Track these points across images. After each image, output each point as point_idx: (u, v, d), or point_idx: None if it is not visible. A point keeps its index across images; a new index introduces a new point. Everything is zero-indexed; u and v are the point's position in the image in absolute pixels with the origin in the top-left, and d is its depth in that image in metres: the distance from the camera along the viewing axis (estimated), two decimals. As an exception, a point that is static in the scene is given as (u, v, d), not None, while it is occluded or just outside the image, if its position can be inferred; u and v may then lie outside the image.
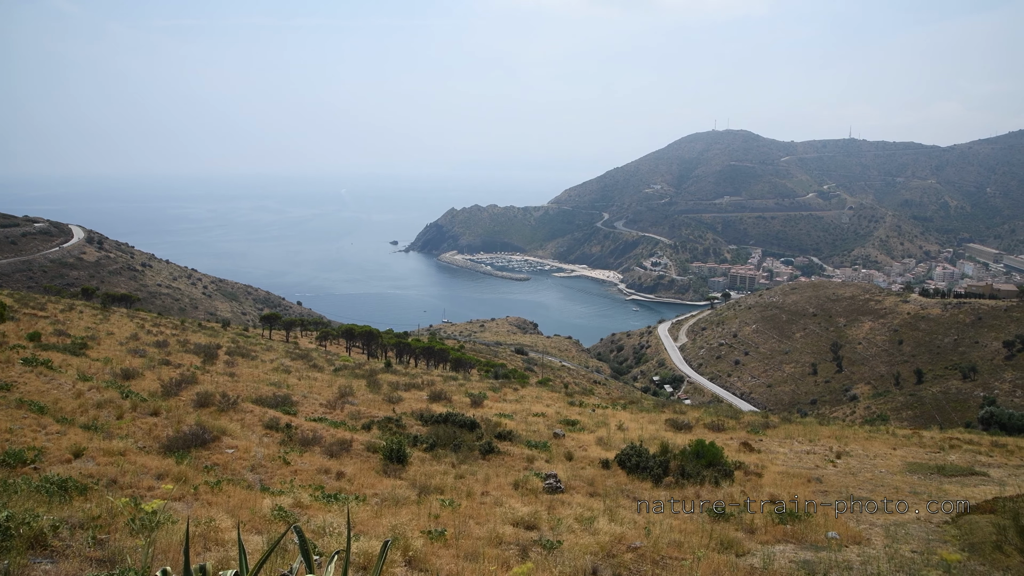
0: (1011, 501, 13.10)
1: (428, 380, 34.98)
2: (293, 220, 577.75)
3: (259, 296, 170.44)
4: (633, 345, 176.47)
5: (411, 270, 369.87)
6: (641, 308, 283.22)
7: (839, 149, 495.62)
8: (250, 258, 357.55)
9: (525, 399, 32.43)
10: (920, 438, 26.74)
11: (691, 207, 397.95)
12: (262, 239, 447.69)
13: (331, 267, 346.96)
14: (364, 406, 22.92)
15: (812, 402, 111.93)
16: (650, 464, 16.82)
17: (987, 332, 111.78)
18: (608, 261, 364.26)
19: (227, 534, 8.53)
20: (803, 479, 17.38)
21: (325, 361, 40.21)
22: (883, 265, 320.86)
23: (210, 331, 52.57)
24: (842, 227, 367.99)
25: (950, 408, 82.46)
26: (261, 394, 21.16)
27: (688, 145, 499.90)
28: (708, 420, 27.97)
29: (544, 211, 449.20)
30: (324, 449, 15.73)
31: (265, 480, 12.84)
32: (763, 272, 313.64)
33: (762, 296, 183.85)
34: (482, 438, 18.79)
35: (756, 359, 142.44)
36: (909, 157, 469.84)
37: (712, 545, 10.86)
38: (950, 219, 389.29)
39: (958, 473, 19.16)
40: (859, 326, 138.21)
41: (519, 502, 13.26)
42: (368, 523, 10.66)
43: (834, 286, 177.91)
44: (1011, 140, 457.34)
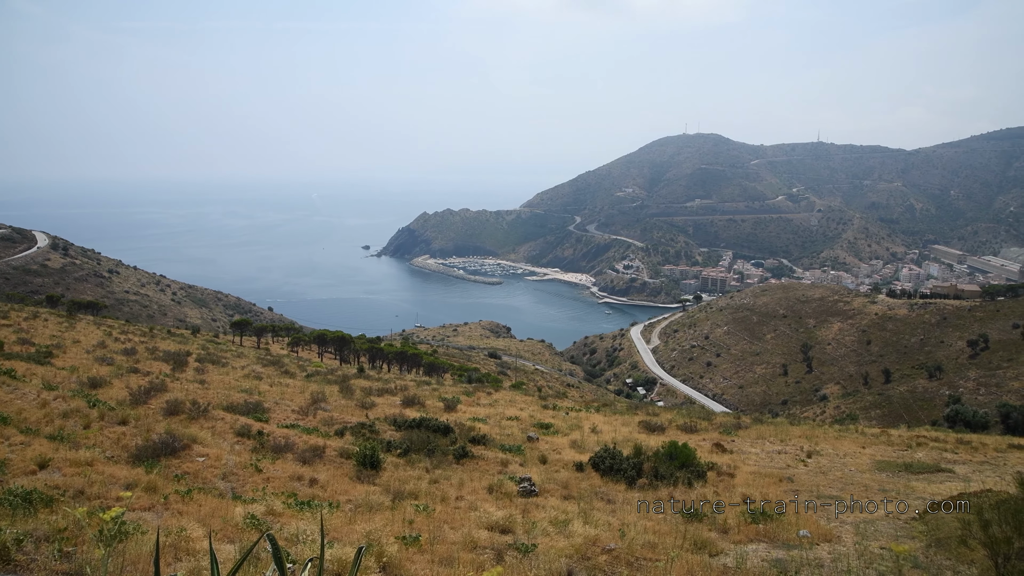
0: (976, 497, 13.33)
1: (401, 385, 34.82)
2: (264, 225, 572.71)
3: (229, 302, 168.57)
4: (606, 348, 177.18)
5: (383, 275, 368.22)
6: (614, 311, 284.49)
7: (808, 152, 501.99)
8: (220, 264, 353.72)
9: (499, 403, 32.41)
10: (888, 437, 27.12)
11: (663, 210, 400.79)
12: (232, 244, 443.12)
13: (302, 272, 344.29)
14: (337, 412, 22.76)
15: (783, 402, 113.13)
16: (624, 466, 16.88)
17: (952, 332, 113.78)
18: (580, 264, 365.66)
19: (199, 543, 8.42)
20: (775, 479, 17.55)
21: (297, 367, 39.88)
22: (851, 267, 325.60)
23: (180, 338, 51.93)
24: (811, 229, 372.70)
25: (917, 407, 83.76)
26: (232, 401, 20.92)
27: (659, 148, 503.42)
28: (681, 422, 28.14)
29: (516, 215, 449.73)
30: (297, 456, 15.58)
31: (237, 488, 12.70)
32: (734, 274, 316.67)
33: (733, 298, 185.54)
34: (456, 442, 18.73)
35: (728, 360, 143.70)
36: (876, 160, 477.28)
37: (686, 546, 10.92)
38: (916, 221, 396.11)
39: (925, 470, 19.47)
40: (828, 327, 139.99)
41: (493, 506, 13.23)
42: (342, 530, 10.59)
43: (804, 288, 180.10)
44: (973, 144, 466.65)
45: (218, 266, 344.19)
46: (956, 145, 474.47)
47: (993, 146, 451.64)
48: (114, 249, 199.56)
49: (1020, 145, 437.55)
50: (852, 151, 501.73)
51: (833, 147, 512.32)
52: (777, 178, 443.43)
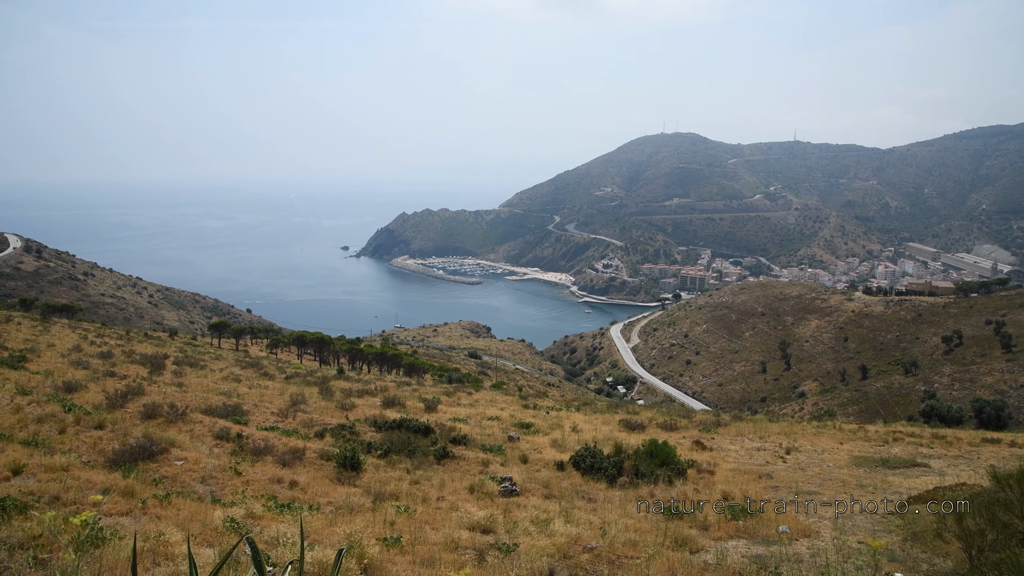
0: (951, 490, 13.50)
1: (381, 386, 34.71)
2: (241, 226, 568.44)
3: (207, 304, 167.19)
4: (586, 347, 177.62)
5: (363, 275, 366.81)
6: (593, 310, 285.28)
7: (785, 151, 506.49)
8: (197, 266, 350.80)
9: (479, 403, 32.39)
10: (865, 432, 27.41)
11: (641, 209, 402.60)
12: (209, 246, 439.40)
13: (281, 274, 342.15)
14: (317, 414, 22.64)
15: (762, 399, 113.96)
16: (604, 465, 16.92)
17: (927, 328, 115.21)
18: (560, 264, 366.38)
19: (177, 548, 8.35)
20: (754, 475, 17.67)
21: (276, 369, 39.62)
22: (828, 264, 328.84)
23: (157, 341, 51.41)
24: (788, 228, 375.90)
25: (893, 402, 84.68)
26: (211, 404, 20.75)
27: (638, 148, 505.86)
28: (661, 420, 28.27)
29: (496, 215, 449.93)
30: (276, 458, 15.48)
31: (216, 491, 12.59)
32: (712, 273, 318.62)
33: (712, 296, 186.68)
34: (437, 443, 18.69)
35: (707, 358, 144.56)
36: (852, 159, 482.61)
37: (667, 543, 10.98)
38: (891, 219, 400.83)
39: (901, 465, 19.69)
40: (806, 324, 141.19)
41: (475, 506, 13.23)
42: (323, 532, 10.53)
43: (781, 285, 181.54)
44: (946, 143, 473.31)
45: (195, 268, 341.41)
46: (930, 144, 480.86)
47: (965, 145, 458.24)
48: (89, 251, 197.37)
49: (991, 144, 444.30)
50: (828, 150, 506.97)
51: (809, 146, 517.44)
52: (755, 177, 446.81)
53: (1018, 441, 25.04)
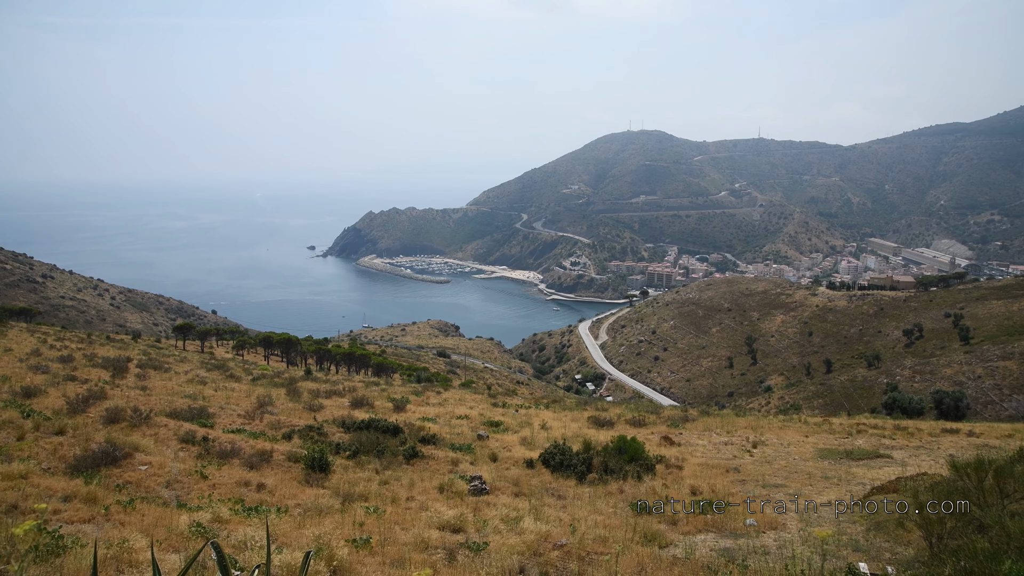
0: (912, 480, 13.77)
1: (350, 386, 34.47)
2: (205, 226, 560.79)
3: (171, 306, 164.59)
4: (555, 345, 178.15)
5: (329, 275, 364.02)
6: (562, 308, 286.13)
7: (749, 149, 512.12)
8: (160, 267, 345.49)
9: (448, 402, 32.32)
10: (830, 425, 27.84)
11: (608, 206, 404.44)
12: (172, 247, 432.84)
13: (246, 274, 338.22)
14: (284, 415, 22.42)
15: (729, 394, 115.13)
16: (574, 462, 17.00)
17: (889, 322, 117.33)
18: (528, 262, 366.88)
19: (142, 554, 8.22)
20: (722, 469, 17.86)
21: (243, 371, 39.16)
22: (793, 260, 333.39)
23: (120, 343, 50.51)
24: (753, 224, 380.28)
25: (857, 395, 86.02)
26: (176, 407, 20.44)
27: (604, 145, 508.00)
28: (629, 416, 28.43)
29: (463, 213, 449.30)
30: (243, 461, 15.31)
31: (182, 496, 12.42)
32: (679, 269, 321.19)
33: (679, 293, 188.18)
34: (406, 443, 18.62)
35: (675, 354, 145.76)
36: (814, 156, 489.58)
37: (636, 538, 11.06)
38: (853, 215, 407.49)
39: (865, 456, 20.03)
40: (771, 319, 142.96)
41: (445, 505, 13.21)
42: (291, 534, 10.45)
43: (747, 281, 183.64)
44: (905, 140, 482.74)
45: (158, 269, 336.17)
46: (889, 141, 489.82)
47: (924, 142, 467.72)
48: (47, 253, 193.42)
49: (948, 141, 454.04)
50: (791, 147, 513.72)
51: (773, 143, 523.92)
52: (720, 174, 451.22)
53: (976, 431, 25.62)
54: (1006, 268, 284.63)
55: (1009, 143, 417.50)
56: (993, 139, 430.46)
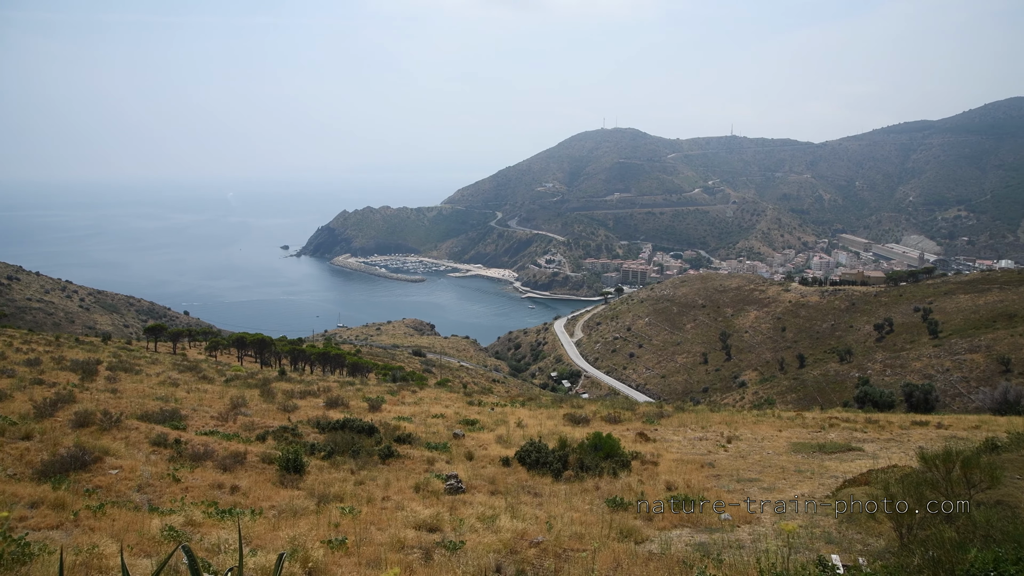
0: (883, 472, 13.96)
1: (324, 386, 34.27)
2: (176, 227, 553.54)
3: (142, 307, 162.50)
4: (530, 342, 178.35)
5: (303, 275, 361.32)
6: (537, 305, 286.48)
7: (722, 146, 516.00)
8: (131, 268, 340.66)
9: (424, 401, 32.25)
10: (803, 419, 28.13)
11: (583, 204, 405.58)
12: (143, 247, 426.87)
13: (219, 274, 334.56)
14: (258, 416, 22.23)
15: (704, 390, 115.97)
16: (550, 459, 17.03)
17: (860, 316, 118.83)
18: (503, 260, 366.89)
19: (112, 560, 8.11)
20: (697, 465, 17.99)
21: (216, 372, 38.77)
22: (766, 256, 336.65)
23: (89, 346, 49.80)
24: (727, 221, 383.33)
25: (830, 389, 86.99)
26: (147, 410, 20.19)
27: (578, 143, 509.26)
28: (605, 413, 28.54)
29: (438, 211, 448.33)
30: (217, 463, 15.16)
31: (154, 500, 12.27)
32: (654, 266, 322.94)
33: (653, 290, 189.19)
34: (381, 442, 18.55)
35: (650, 351, 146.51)
36: (787, 153, 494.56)
37: (612, 535, 11.11)
38: (824, 211, 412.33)
39: (837, 450, 20.29)
40: (745, 315, 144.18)
41: (421, 505, 13.18)
42: (265, 537, 10.37)
43: (721, 278, 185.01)
44: (874, 137, 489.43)
45: (129, 270, 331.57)
46: (860, 138, 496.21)
47: (893, 139, 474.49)
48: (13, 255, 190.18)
49: (916, 139, 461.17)
50: (764, 144, 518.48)
51: (746, 140, 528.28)
52: (693, 171, 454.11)
53: (944, 422, 26.03)
54: (972, 263, 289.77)
55: (974, 140, 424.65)
56: (959, 136, 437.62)
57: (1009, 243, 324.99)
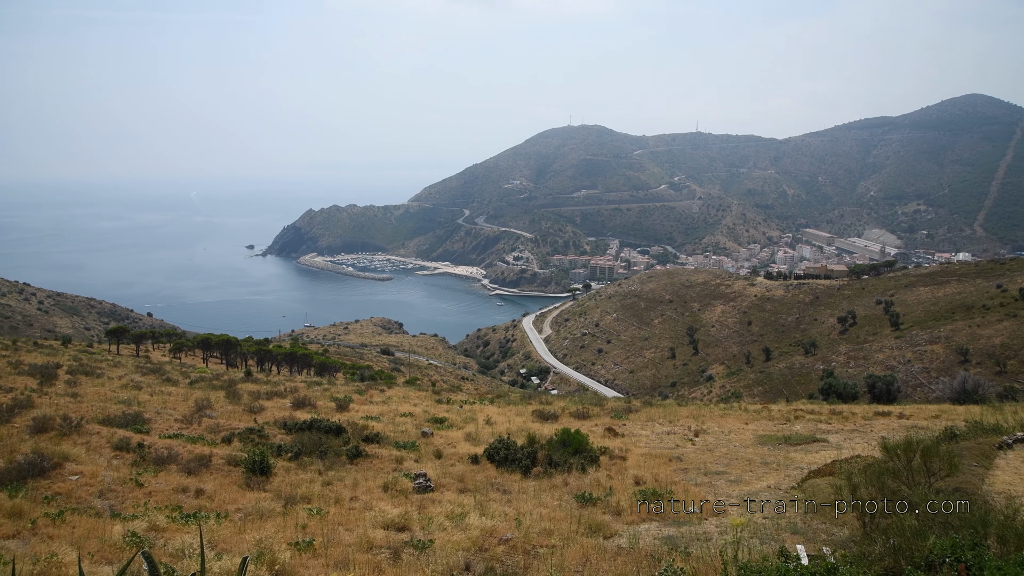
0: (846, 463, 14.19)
1: (291, 387, 33.98)
2: (138, 226, 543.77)
3: (104, 309, 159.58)
4: (499, 339, 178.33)
5: (269, 275, 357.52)
6: (505, 302, 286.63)
7: (687, 142, 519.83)
8: (91, 269, 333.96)
9: (392, 400, 32.12)
10: (769, 412, 28.49)
11: (550, 201, 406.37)
12: (103, 248, 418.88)
13: (183, 275, 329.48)
14: (224, 418, 21.97)
15: (672, 384, 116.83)
16: (518, 456, 17.06)
17: (824, 310, 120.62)
18: (471, 257, 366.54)
19: (71, 568, 7.96)
20: (665, 459, 18.13)
21: (180, 374, 38.25)
22: (731, 251, 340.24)
23: (48, 350, 48.84)
24: (693, 216, 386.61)
25: (795, 382, 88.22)
26: (109, 413, 19.85)
27: (545, 140, 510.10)
28: (574, 409, 28.65)
29: (405, 209, 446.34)
30: (181, 467, 14.95)
31: (116, 505, 12.06)
32: (621, 262, 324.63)
33: (621, 285, 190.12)
34: (349, 442, 18.44)
35: (618, 346, 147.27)
36: (751, 149, 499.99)
37: (580, 530, 11.15)
38: (788, 206, 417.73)
39: (802, 441, 20.58)
40: (712, 310, 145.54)
41: (389, 504, 13.12)
42: (231, 540, 10.26)
43: (687, 273, 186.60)
44: (836, 133, 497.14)
45: (89, 271, 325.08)
46: (822, 134, 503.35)
47: (854, 135, 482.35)
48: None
49: (876, 134, 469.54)
50: (728, 140, 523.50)
51: (711, 137, 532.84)
52: (659, 167, 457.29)
53: (906, 413, 26.53)
54: (932, 256, 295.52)
55: (932, 136, 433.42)
56: (917, 132, 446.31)
57: (966, 236, 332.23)
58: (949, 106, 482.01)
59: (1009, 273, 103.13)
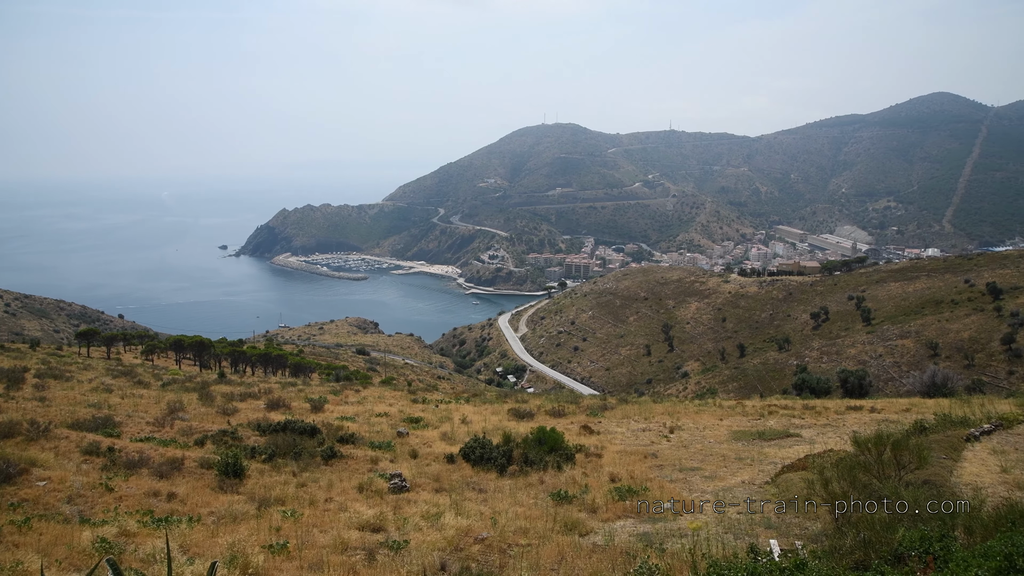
0: (819, 457, 14.35)
1: (265, 388, 33.68)
2: (108, 227, 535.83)
3: (74, 311, 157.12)
4: (475, 338, 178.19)
5: (243, 275, 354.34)
6: (481, 301, 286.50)
7: (661, 140, 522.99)
8: (60, 271, 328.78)
9: (367, 400, 31.96)
10: (743, 407, 28.70)
11: (525, 199, 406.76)
12: (73, 249, 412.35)
13: (156, 276, 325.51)
14: (196, 421, 21.73)
15: (648, 381, 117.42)
16: (494, 455, 17.04)
17: (797, 306, 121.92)
18: (446, 256, 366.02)
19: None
20: (640, 456, 18.20)
21: (152, 376, 37.77)
22: (705, 248, 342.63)
23: (15, 353, 48.03)
24: (667, 214, 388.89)
25: (769, 377, 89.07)
26: (78, 417, 19.55)
27: (520, 139, 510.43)
28: (549, 407, 28.68)
29: (380, 208, 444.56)
30: (153, 470, 14.76)
31: (85, 511, 11.87)
32: (596, 260, 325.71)
33: (596, 283, 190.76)
34: (323, 443, 18.31)
35: (594, 344, 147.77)
36: (724, 147, 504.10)
37: (556, 528, 11.16)
38: (761, 203, 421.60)
39: (776, 436, 20.76)
40: (687, 307, 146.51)
41: (364, 505, 13.05)
42: (204, 544, 10.16)
43: (662, 270, 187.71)
44: (808, 131, 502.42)
45: (58, 273, 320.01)
46: (794, 132, 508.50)
47: (825, 133, 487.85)
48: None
49: (848, 132, 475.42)
50: (702, 138, 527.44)
51: (684, 135, 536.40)
52: (633, 165, 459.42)
53: (877, 407, 26.86)
54: (902, 252, 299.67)
55: (901, 134, 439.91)
56: (887, 130, 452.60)
57: (935, 232, 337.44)
58: (917, 104, 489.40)
59: (976, 268, 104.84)
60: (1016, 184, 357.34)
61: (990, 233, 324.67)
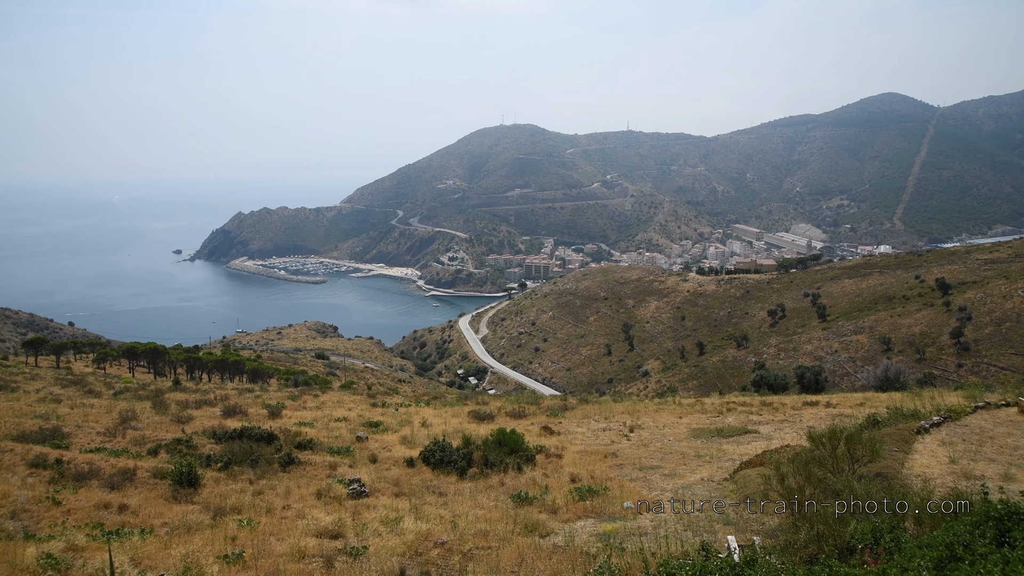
0: (776, 453, 14.53)
1: (222, 395, 33.11)
2: (57, 232, 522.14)
3: (20, 319, 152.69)
4: (436, 341, 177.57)
5: (198, 280, 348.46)
6: (441, 303, 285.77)
7: (619, 141, 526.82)
8: (6, 277, 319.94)
9: (326, 405, 31.63)
10: (703, 405, 28.98)
11: (484, 200, 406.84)
12: (19, 255, 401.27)
13: (107, 282, 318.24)
14: (149, 430, 21.25)
15: (609, 381, 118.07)
16: (454, 458, 16.97)
17: (755, 303, 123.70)
18: (405, 258, 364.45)
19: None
20: (600, 455, 18.25)
21: (103, 385, 36.89)
22: (664, 248, 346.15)
23: (-40, 363, 46.56)
24: (626, 214, 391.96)
25: (728, 375, 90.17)
26: (24, 429, 18.99)
27: (478, 140, 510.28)
28: (510, 408, 28.65)
29: (337, 211, 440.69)
30: (103, 482, 14.39)
31: (30, 526, 11.50)
32: (556, 260, 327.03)
33: (556, 284, 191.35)
34: (281, 450, 18.05)
35: (555, 344, 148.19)
36: (681, 147, 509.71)
37: (517, 530, 11.13)
38: (719, 203, 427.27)
39: (735, 433, 20.97)
40: (646, 306, 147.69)
41: (322, 512, 12.89)
42: (156, 556, 9.92)
43: (622, 270, 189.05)
44: (763, 131, 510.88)
45: (5, 280, 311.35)
46: (749, 132, 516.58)
47: (780, 132, 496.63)
48: None
49: (801, 132, 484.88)
50: (659, 139, 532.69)
51: (642, 135, 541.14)
52: (592, 166, 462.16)
53: (833, 402, 27.33)
54: (855, 249, 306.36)
55: (852, 133, 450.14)
56: (839, 130, 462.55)
57: (887, 229, 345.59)
58: (867, 104, 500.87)
59: (926, 265, 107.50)
60: (962, 183, 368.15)
61: (939, 230, 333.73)
